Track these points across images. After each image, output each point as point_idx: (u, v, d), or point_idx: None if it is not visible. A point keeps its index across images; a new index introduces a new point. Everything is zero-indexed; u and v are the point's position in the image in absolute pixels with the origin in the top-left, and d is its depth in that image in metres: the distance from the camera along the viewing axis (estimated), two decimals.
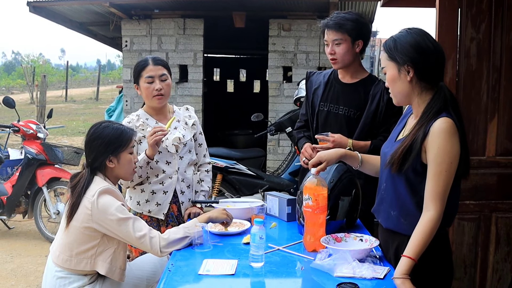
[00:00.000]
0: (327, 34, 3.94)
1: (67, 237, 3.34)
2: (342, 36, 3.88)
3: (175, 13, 9.82)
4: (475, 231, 4.22)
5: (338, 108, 4.04)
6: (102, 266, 3.33)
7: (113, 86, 39.33)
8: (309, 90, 4.24)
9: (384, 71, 2.89)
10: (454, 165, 2.67)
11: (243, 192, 7.66)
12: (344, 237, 3.14)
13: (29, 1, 9.63)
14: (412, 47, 2.74)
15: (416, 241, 2.64)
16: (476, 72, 4.18)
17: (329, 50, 3.95)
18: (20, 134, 7.93)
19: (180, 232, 3.25)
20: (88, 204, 3.25)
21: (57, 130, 18.40)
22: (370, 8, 9.98)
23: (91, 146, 3.44)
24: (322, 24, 4.00)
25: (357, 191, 3.41)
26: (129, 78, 9.96)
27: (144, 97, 4.01)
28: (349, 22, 3.88)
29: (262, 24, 9.80)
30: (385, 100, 3.90)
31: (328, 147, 3.66)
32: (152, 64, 3.97)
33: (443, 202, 2.66)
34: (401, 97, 2.86)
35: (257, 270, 2.81)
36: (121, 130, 3.48)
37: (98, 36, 12.88)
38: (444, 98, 2.75)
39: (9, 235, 8.21)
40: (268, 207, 3.94)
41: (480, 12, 4.14)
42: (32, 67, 41.09)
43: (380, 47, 25.56)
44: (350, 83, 4.07)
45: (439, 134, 2.65)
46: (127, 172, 3.53)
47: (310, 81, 4.27)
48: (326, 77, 4.18)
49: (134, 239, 3.24)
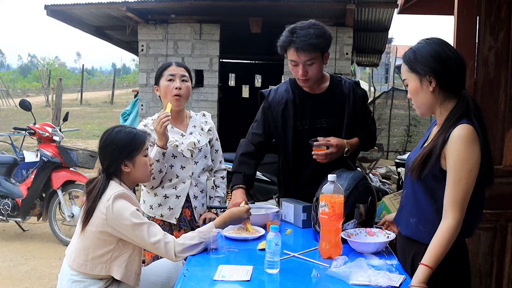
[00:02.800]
0: (297, 55, 3.69)
1: (83, 242, 3.35)
2: (315, 55, 3.71)
3: (192, 18, 9.84)
4: (491, 240, 4.19)
5: (320, 122, 3.93)
6: (117, 271, 3.33)
7: (128, 90, 39.47)
8: (274, 111, 4.00)
9: (406, 83, 2.88)
10: (474, 173, 2.66)
11: (257, 198, 7.65)
12: (377, 232, 3.21)
13: (47, 5, 9.69)
14: (433, 57, 2.73)
15: (434, 250, 2.63)
16: (494, 80, 4.15)
17: (302, 72, 3.74)
18: (36, 137, 7.98)
19: (195, 238, 3.23)
20: (104, 208, 3.25)
21: (72, 133, 18.47)
22: (387, 15, 9.95)
23: (105, 152, 3.45)
24: (285, 41, 3.75)
25: (373, 198, 3.40)
26: (145, 82, 9.98)
27: (163, 97, 4.01)
28: (321, 39, 3.69)
29: (278, 30, 9.74)
30: (360, 94, 3.95)
31: (332, 152, 3.68)
32: (175, 66, 4.02)
33: (462, 210, 2.64)
34: (425, 108, 2.85)
35: (273, 277, 2.79)
36: (134, 134, 3.47)
37: (114, 40, 12.92)
38: (467, 106, 2.74)
39: (24, 237, 8.25)
40: (283, 213, 3.92)
41: (499, 21, 4.12)
42: (48, 70, 41.46)
43: (396, 54, 25.37)
44: (322, 93, 3.97)
45: (458, 141, 2.64)
46: (144, 174, 3.53)
47: (271, 102, 4.03)
48: (289, 93, 3.98)
49: (148, 244, 3.23)
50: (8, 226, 8.59)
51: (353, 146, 3.83)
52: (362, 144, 3.92)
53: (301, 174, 4.00)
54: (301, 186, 4.00)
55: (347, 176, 3.40)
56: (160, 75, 4.01)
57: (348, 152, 3.77)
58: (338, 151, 3.71)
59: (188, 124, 4.14)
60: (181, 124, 4.10)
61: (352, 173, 3.44)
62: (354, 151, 3.87)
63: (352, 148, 3.82)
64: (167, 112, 3.79)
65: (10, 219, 7.88)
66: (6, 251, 7.49)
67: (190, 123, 4.14)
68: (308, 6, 9.03)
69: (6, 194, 7.83)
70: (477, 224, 2.90)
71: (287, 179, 4.09)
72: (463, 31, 4.11)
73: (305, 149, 3.84)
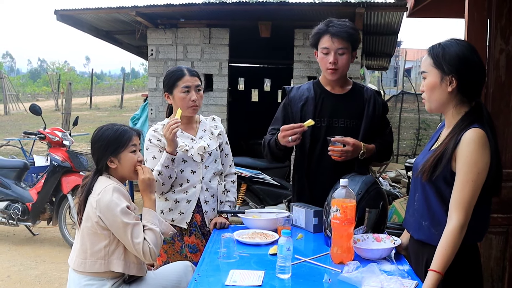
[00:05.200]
0: (332, 42, 3.80)
1: (81, 241, 3.43)
2: (347, 45, 3.82)
3: (201, 23, 9.83)
4: (503, 245, 4.18)
5: (338, 122, 3.96)
6: (117, 264, 3.40)
7: (137, 94, 39.48)
8: (294, 107, 4.04)
9: (425, 75, 2.86)
10: (482, 176, 2.65)
11: (267, 202, 7.65)
12: (385, 238, 3.20)
13: (57, 10, 9.71)
14: (461, 59, 2.73)
15: (440, 254, 2.63)
16: (505, 84, 4.15)
17: (332, 59, 3.82)
18: (46, 141, 8.00)
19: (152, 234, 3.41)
20: (94, 202, 3.35)
21: (82, 138, 18.48)
22: (397, 19, 9.91)
23: (94, 148, 3.56)
24: (321, 29, 3.87)
25: (384, 203, 3.39)
26: (154, 87, 9.99)
27: (176, 106, 4.00)
28: (354, 32, 3.85)
29: (287, 34, 9.78)
30: (379, 103, 3.96)
31: (348, 150, 3.68)
32: (189, 75, 3.99)
33: (467, 213, 2.63)
34: (437, 105, 2.84)
35: (284, 282, 2.79)
36: (121, 131, 3.54)
37: (123, 45, 12.94)
38: (480, 113, 2.74)
39: (34, 241, 8.27)
40: (294, 218, 3.90)
41: (510, 24, 4.11)
42: (58, 74, 41.47)
43: (405, 57, 25.22)
44: (343, 94, 4.01)
45: (468, 144, 2.65)
46: (130, 170, 3.56)
47: (292, 98, 4.09)
48: (311, 91, 4.05)
49: (131, 244, 3.32)
50: (18, 230, 8.61)
51: (369, 150, 3.83)
52: (377, 151, 3.90)
53: (315, 172, 4.00)
54: (314, 184, 3.99)
55: (359, 181, 3.40)
56: (174, 85, 3.99)
57: (363, 154, 3.77)
58: (354, 151, 3.71)
59: (198, 128, 4.14)
60: (191, 128, 4.11)
61: (364, 178, 3.44)
62: (369, 157, 3.85)
63: (368, 153, 3.81)
64: (176, 119, 3.80)
65: (20, 223, 7.90)
66: (16, 255, 7.51)
67: (200, 128, 4.14)
68: (317, 10, 9.02)
69: (16, 199, 7.85)
70: (487, 228, 2.89)
71: (301, 176, 4.07)
72: (473, 34, 4.10)
73: (320, 146, 3.89)
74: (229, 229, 3.87)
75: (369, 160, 3.93)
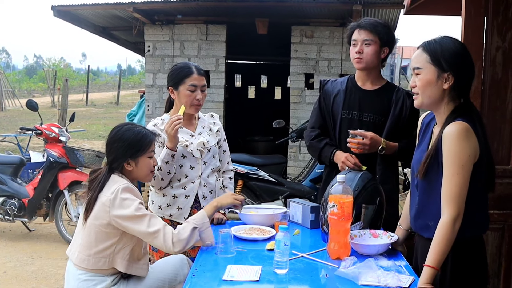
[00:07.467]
0: (358, 33, 3.94)
1: (86, 237, 3.38)
2: (374, 37, 3.91)
3: (198, 19, 9.83)
4: (499, 241, 4.18)
5: (362, 115, 4.02)
6: (121, 264, 3.38)
7: (133, 90, 39.55)
8: (327, 98, 4.18)
9: (418, 72, 2.82)
10: (467, 168, 2.65)
11: (263, 199, 7.65)
12: (382, 234, 3.21)
13: (54, 6, 9.70)
14: (459, 57, 2.73)
15: (434, 249, 2.64)
16: (501, 81, 4.15)
17: (358, 49, 3.94)
18: (43, 137, 7.98)
19: (189, 224, 3.32)
20: (107, 201, 3.29)
21: (78, 134, 18.48)
22: (393, 16, 9.94)
23: (112, 147, 3.49)
24: (353, 25, 4.01)
25: (381, 199, 3.40)
26: (151, 83, 9.98)
27: (180, 102, 4.02)
28: (382, 26, 3.94)
29: (284, 31, 9.79)
30: (408, 105, 3.93)
31: (365, 143, 3.72)
32: (197, 74, 3.99)
33: (458, 206, 2.63)
34: (430, 102, 2.82)
35: (281, 277, 2.80)
36: (142, 134, 3.50)
37: (120, 41, 12.93)
38: (468, 109, 2.75)
39: (30, 237, 8.26)
40: (291, 214, 3.92)
41: (506, 21, 4.12)
42: (54, 70, 41.46)
43: (401, 55, 25.14)
44: (372, 90, 4.07)
45: (448, 137, 2.66)
46: (145, 175, 3.56)
47: (326, 90, 4.22)
48: (344, 84, 4.15)
49: (147, 233, 3.26)
50: (15, 226, 8.60)
51: (390, 148, 3.85)
52: (399, 149, 3.92)
53: None
54: None
55: (355, 177, 3.41)
56: (181, 81, 3.98)
57: (382, 150, 3.80)
58: (371, 145, 3.74)
59: (197, 124, 4.16)
60: (190, 124, 4.12)
61: (361, 174, 3.45)
62: (390, 154, 3.86)
63: (389, 150, 3.83)
64: (179, 115, 3.81)
65: (17, 219, 7.88)
66: (13, 251, 7.51)
67: (199, 124, 4.16)
68: (315, 7, 9.02)
69: (12, 194, 7.84)
70: (487, 221, 2.88)
71: (332, 168, 4.09)
72: (470, 31, 4.11)
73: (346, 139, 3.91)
74: (226, 225, 3.89)
75: (391, 157, 3.96)
